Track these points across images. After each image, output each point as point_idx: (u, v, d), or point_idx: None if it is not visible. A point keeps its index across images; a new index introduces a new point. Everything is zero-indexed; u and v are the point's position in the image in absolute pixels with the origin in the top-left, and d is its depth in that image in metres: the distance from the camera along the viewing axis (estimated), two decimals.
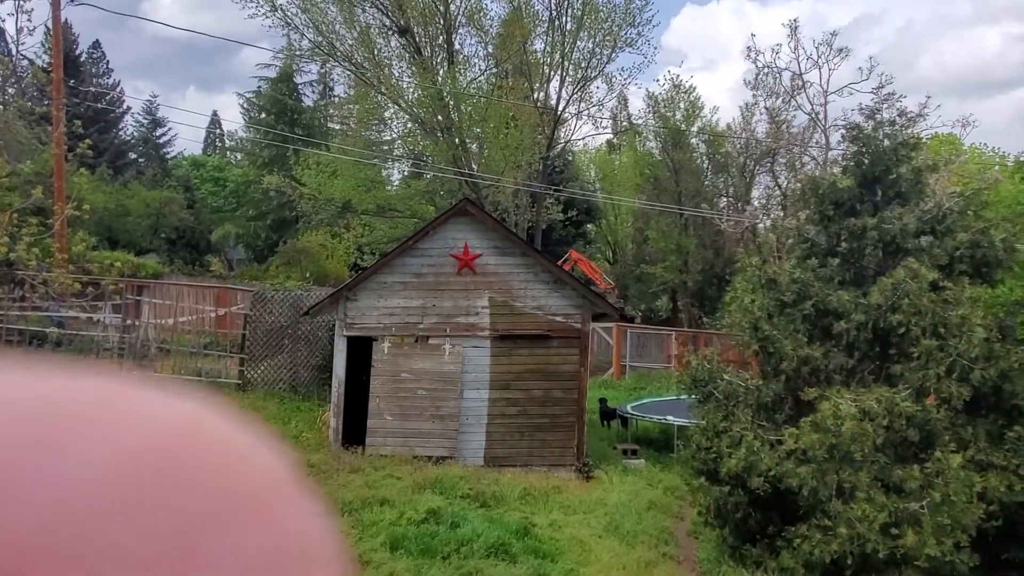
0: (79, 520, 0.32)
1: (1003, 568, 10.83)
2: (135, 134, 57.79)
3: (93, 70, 51.71)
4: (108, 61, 53.99)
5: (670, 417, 18.55)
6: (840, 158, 15.85)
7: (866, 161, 12.97)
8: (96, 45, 52.94)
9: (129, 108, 55.08)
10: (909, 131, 13.43)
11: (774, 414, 12.24)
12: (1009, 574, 10.94)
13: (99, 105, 47.48)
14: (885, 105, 13.41)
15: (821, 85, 39.14)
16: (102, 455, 0.34)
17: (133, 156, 55.28)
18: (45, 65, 34.74)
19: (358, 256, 34.85)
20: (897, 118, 13.53)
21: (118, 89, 53.78)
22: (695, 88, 43.48)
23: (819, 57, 38.75)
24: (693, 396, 13.43)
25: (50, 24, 26.51)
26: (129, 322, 20.16)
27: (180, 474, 0.34)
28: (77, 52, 47.84)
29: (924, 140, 15.25)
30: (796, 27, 38.53)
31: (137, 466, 0.34)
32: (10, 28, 49.38)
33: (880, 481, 10.46)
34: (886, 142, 12.91)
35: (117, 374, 0.39)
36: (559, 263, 23.54)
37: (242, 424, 0.39)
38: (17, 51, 37.12)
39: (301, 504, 0.39)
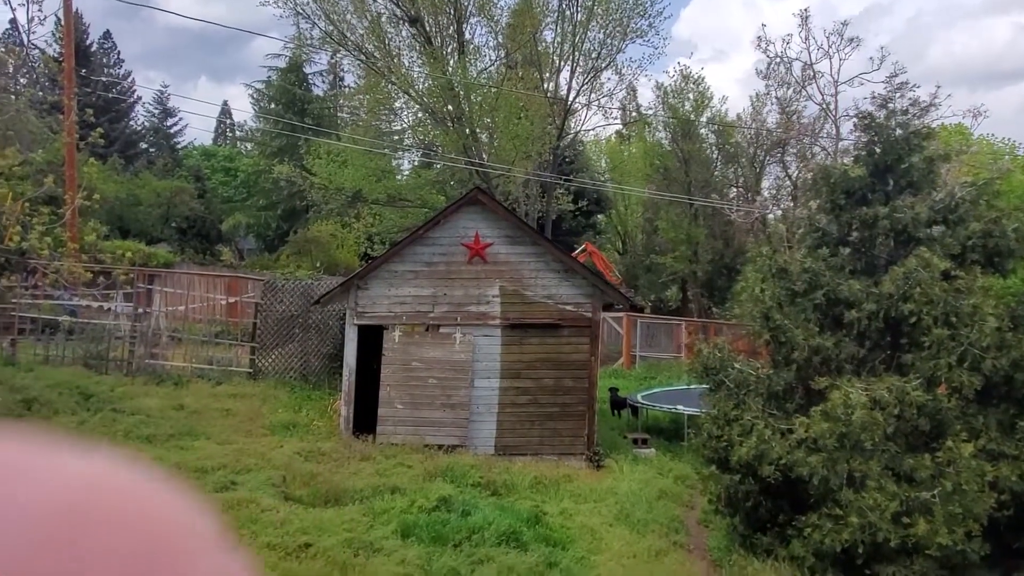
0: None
1: (1014, 557, 10.84)
2: (146, 124, 57.97)
3: (104, 60, 51.85)
4: (119, 51, 54.20)
5: (680, 406, 18.57)
6: (851, 148, 15.78)
7: (878, 150, 12.93)
8: (107, 35, 53.15)
9: (140, 98, 55.29)
10: (921, 121, 13.35)
11: (785, 403, 12.24)
12: (1020, 563, 10.93)
13: (110, 95, 47.61)
14: (898, 94, 13.29)
15: (832, 75, 39.02)
16: (17, 508, 0.34)
17: (144, 146, 55.49)
18: (56, 55, 34.85)
19: (368, 245, 34.91)
20: (910, 107, 13.47)
21: (129, 79, 53.94)
22: (704, 78, 43.39)
23: (830, 47, 38.62)
24: (704, 385, 13.44)
25: (61, 14, 26.58)
26: (141, 311, 20.25)
27: (97, 524, 0.35)
28: (88, 42, 47.98)
29: (936, 129, 15.16)
30: (807, 17, 38.40)
31: (56, 517, 0.34)
32: (21, 17, 49.50)
33: (891, 470, 10.47)
34: (898, 131, 12.87)
35: (32, 433, 0.40)
36: (574, 254, 23.53)
37: (157, 477, 0.40)
38: (28, 40, 37.18)
39: (216, 550, 0.39)
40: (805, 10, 39.60)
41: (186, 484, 0.42)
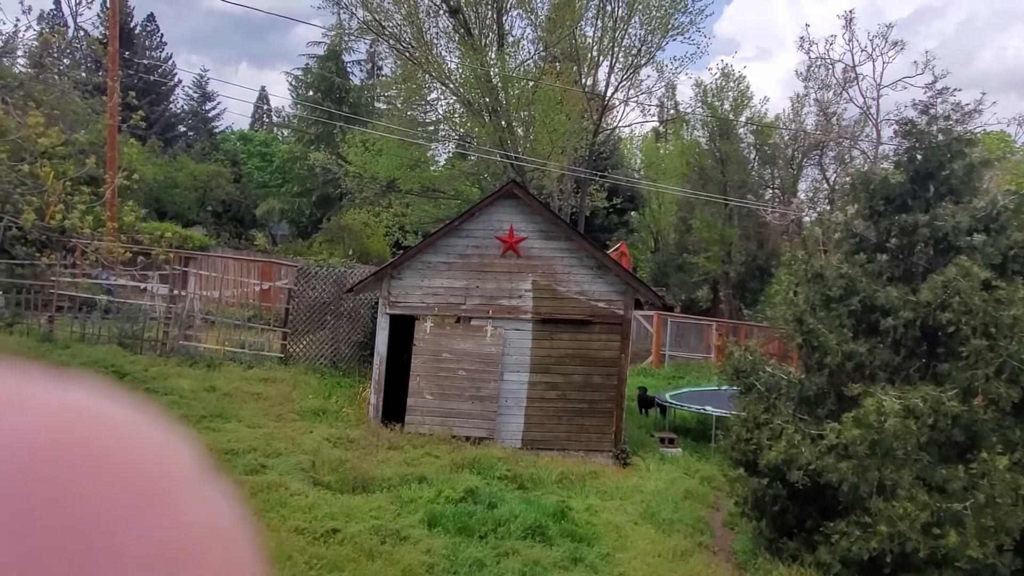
0: None
1: None
2: (185, 107, 58.52)
3: (146, 43, 52.39)
4: (162, 34, 54.73)
5: (708, 407, 18.50)
6: (892, 153, 15.59)
7: (919, 156, 12.75)
8: (150, 18, 53.70)
9: (180, 81, 55.81)
10: (964, 127, 13.16)
11: (816, 408, 12.14)
12: None
13: (151, 77, 48.13)
14: (940, 100, 13.10)
15: (874, 78, 38.60)
16: None
17: (182, 129, 56.04)
18: (101, 36, 35.24)
19: (400, 235, 35.06)
20: (952, 113, 13.27)
21: (170, 62, 54.47)
22: (745, 77, 43.07)
23: (873, 50, 38.18)
24: (734, 387, 13.37)
25: None
26: (176, 292, 20.48)
27: (81, 464, 0.34)
28: (132, 24, 48.51)
29: (979, 136, 14.97)
30: (851, 19, 37.98)
31: (35, 457, 0.33)
32: None
33: (923, 480, 10.36)
34: (940, 137, 12.68)
35: (12, 363, 0.38)
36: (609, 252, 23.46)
37: (145, 412, 0.38)
38: (75, 23, 37.70)
39: (208, 492, 0.38)
40: (849, 12, 39.22)
41: (167, 414, 0.39)
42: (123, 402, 0.38)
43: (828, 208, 36.28)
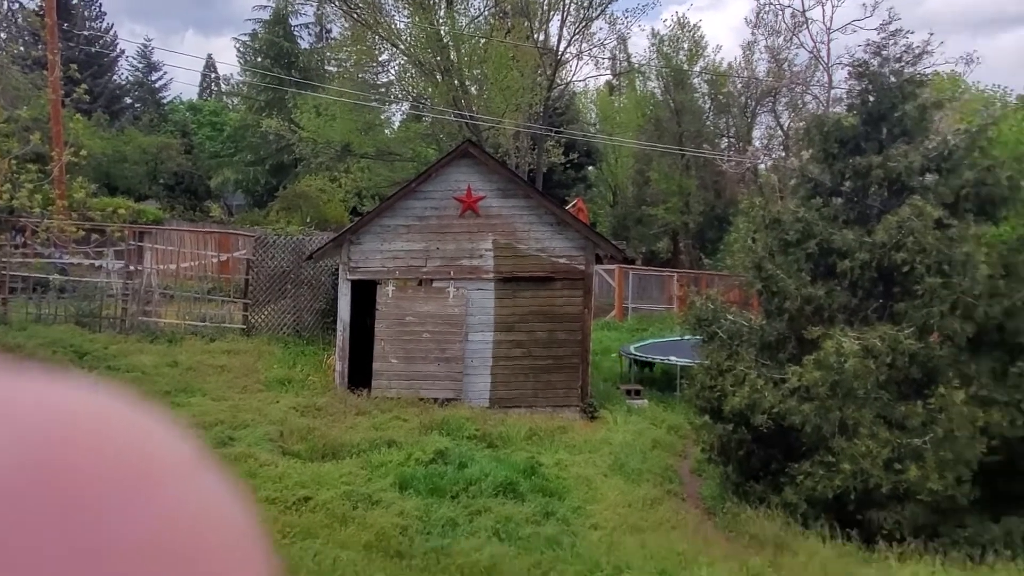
0: None
1: (1003, 501, 10.99)
2: (129, 78, 57.14)
3: (85, 13, 50.96)
4: (100, 4, 53.18)
5: (672, 357, 18.68)
6: (844, 96, 15.68)
7: (871, 99, 12.85)
8: None
9: (123, 52, 54.40)
10: (915, 68, 13.25)
11: (777, 353, 12.32)
12: (1008, 507, 11.09)
13: (92, 49, 46.91)
14: (891, 42, 13.18)
15: (824, 22, 38.74)
16: None
17: (128, 101, 54.77)
18: (37, 8, 34.22)
19: (357, 201, 34.75)
20: (903, 55, 13.36)
21: (111, 33, 53.05)
22: (700, 27, 42.93)
23: None
24: (696, 336, 13.51)
25: None
26: (132, 268, 20.16)
27: (73, 457, 0.34)
28: None
29: (929, 77, 15.10)
30: None
31: (26, 452, 0.33)
32: None
33: (883, 418, 10.58)
34: (892, 79, 12.78)
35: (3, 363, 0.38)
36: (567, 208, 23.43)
37: (139, 404, 0.39)
38: None
39: (206, 480, 0.38)
40: None
41: (167, 413, 0.39)
42: (115, 395, 0.38)
43: (783, 154, 36.56)
